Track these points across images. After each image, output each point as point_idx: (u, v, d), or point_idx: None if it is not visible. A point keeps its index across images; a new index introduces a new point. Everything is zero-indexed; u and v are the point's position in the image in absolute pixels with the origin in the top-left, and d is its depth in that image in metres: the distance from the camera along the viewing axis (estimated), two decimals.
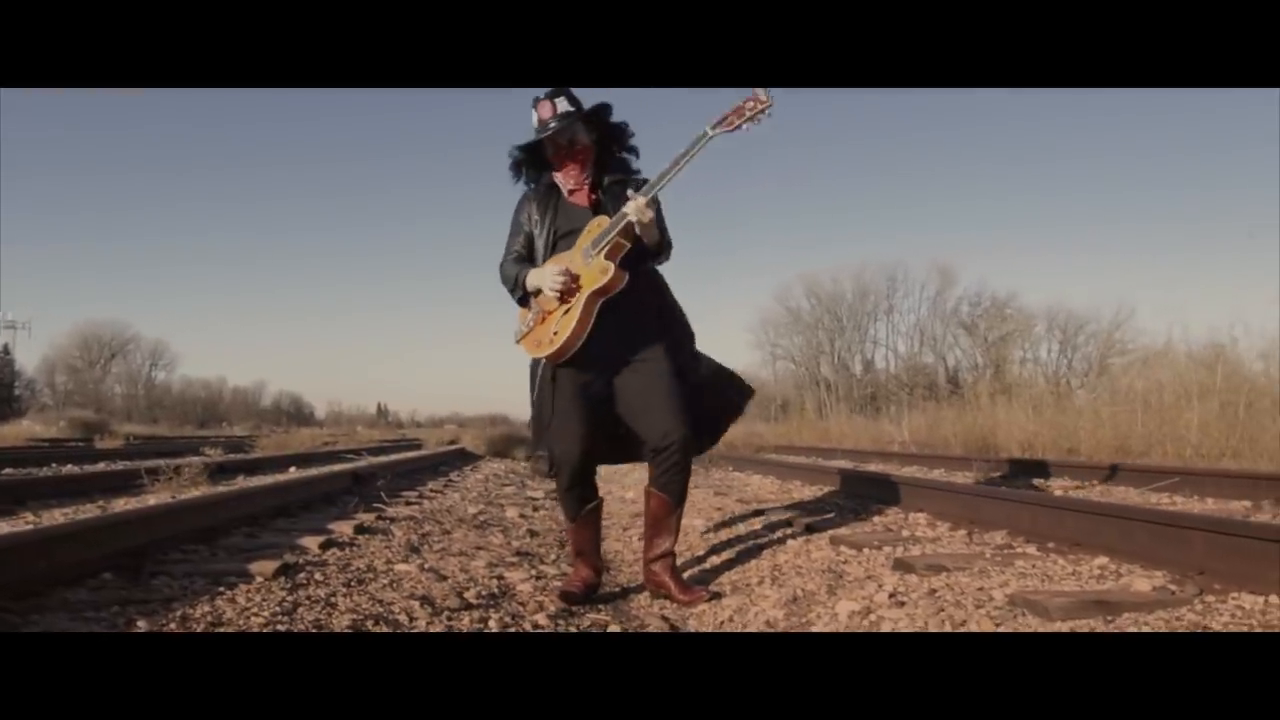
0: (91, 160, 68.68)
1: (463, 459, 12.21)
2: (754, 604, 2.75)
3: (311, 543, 3.50)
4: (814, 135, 54.81)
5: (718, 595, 2.95)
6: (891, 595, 2.46)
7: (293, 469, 8.75)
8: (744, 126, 2.68)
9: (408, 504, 5.49)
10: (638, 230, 2.74)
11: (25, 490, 5.30)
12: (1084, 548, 2.83)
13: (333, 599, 2.67)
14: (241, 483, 6.82)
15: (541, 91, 2.86)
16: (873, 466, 8.27)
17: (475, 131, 74.23)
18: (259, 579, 2.81)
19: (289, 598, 2.61)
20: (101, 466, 8.75)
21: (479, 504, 5.92)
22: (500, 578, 3.28)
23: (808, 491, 5.43)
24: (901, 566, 2.77)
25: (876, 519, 3.91)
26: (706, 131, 2.69)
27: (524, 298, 2.95)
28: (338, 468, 8.23)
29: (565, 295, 2.80)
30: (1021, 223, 51.45)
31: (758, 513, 4.48)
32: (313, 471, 7.59)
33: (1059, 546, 2.92)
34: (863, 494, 4.80)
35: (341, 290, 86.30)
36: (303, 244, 79.83)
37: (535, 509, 5.86)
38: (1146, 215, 47.72)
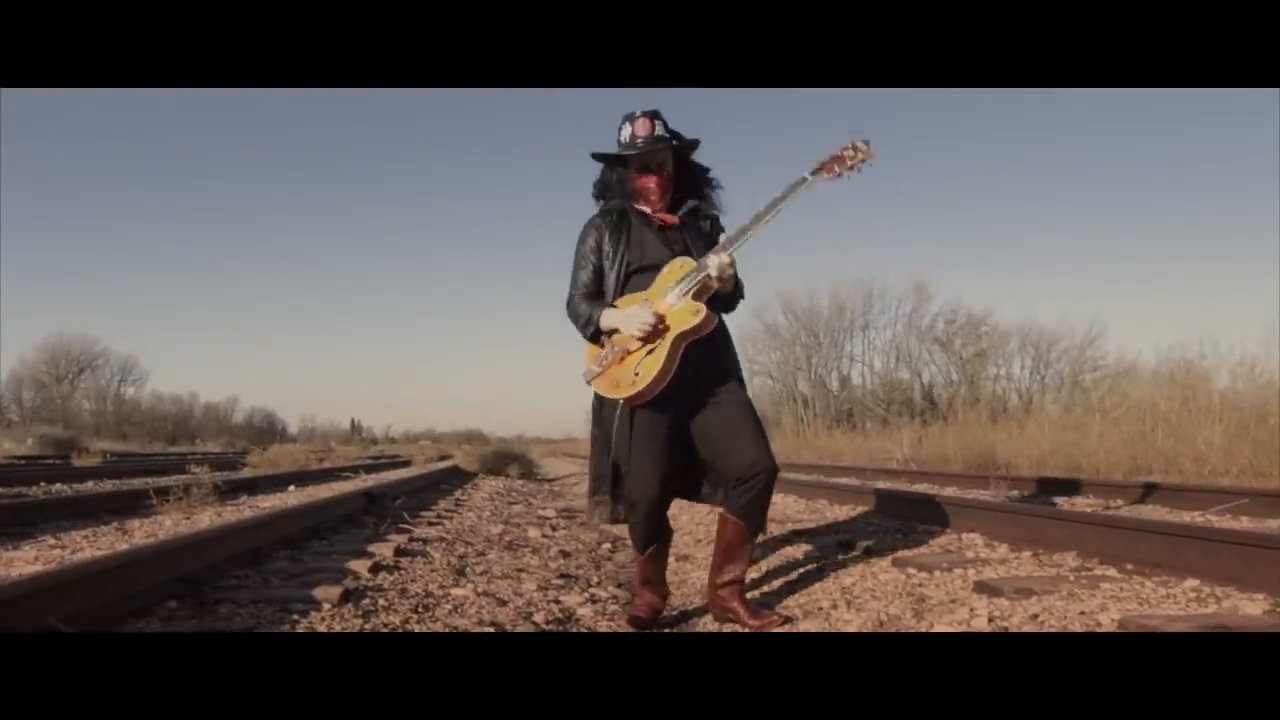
0: (59, 169, 67.60)
1: (459, 477, 12.07)
2: (835, 628, 2.69)
3: (359, 566, 3.41)
4: (789, 146, 55.27)
5: (790, 619, 2.88)
6: (990, 620, 2.41)
7: (292, 488, 8.57)
8: (844, 175, 2.65)
9: (430, 524, 5.38)
10: (715, 285, 2.69)
11: (32, 513, 5.11)
12: (1166, 569, 2.80)
13: (408, 626, 2.59)
14: (248, 502, 6.65)
15: (637, 109, 2.79)
16: (881, 484, 8.23)
17: (450, 143, 74.15)
18: (327, 605, 2.71)
19: (366, 625, 2.53)
20: (91, 485, 8.52)
21: (498, 524, 5.82)
22: (557, 601, 3.21)
23: (839, 511, 5.38)
24: (986, 590, 2.72)
25: (930, 539, 3.85)
26: (806, 177, 2.63)
27: (595, 334, 2.85)
28: (341, 487, 8.09)
29: (649, 337, 2.71)
30: (997, 238, 52.03)
31: (798, 533, 4.42)
32: (320, 492, 7.44)
33: (1138, 568, 2.89)
34: (900, 513, 4.74)
35: (317, 305, 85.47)
36: (278, 257, 79.10)
37: (554, 528, 5.77)
38: (1124, 226, 48.32)
